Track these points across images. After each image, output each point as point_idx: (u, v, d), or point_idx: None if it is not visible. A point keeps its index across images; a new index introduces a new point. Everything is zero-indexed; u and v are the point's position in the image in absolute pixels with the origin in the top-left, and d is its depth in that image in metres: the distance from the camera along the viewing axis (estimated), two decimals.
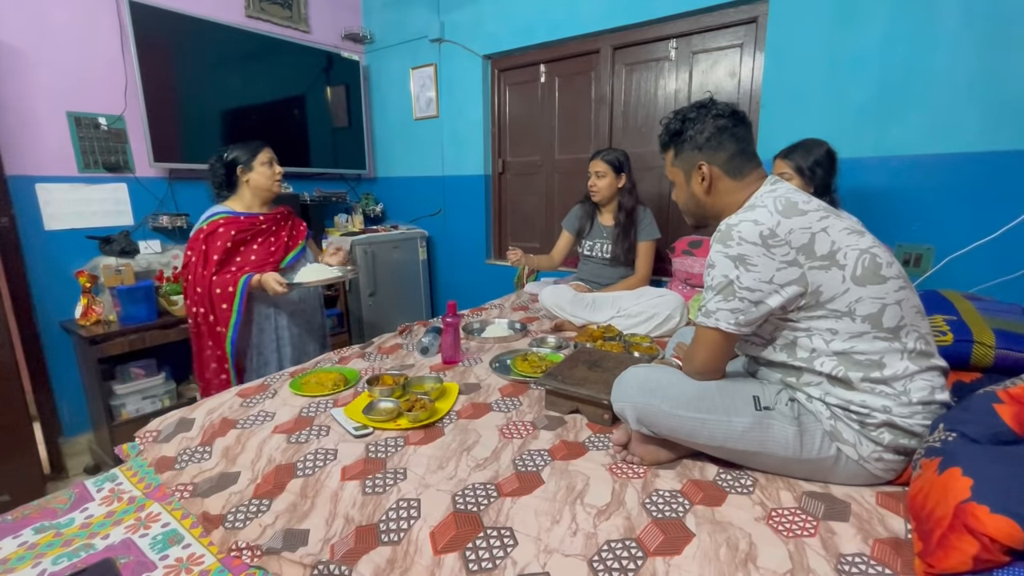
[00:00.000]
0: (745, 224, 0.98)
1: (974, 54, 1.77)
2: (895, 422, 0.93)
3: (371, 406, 1.31)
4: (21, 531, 0.98)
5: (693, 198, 1.17)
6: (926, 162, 1.91)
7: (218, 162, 1.87)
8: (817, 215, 0.99)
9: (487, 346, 1.87)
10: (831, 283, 0.95)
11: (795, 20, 2.09)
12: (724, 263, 0.99)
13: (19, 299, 2.27)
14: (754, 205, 1.03)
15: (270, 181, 1.88)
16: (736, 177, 1.10)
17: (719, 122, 1.10)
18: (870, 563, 0.78)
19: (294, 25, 3.20)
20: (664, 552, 0.82)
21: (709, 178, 1.11)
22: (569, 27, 2.71)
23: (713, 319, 1.01)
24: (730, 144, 1.10)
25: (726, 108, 1.11)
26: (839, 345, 0.96)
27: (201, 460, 1.17)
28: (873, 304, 0.94)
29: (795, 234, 0.96)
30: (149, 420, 1.36)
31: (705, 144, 1.11)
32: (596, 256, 2.38)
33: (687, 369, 1.10)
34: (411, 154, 3.58)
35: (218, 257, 1.80)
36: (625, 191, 2.29)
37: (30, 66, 2.24)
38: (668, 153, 1.19)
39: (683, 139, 1.14)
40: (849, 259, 0.95)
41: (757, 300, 0.97)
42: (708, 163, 1.11)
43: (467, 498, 0.96)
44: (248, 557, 0.90)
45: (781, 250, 0.95)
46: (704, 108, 1.12)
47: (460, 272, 3.52)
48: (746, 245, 0.97)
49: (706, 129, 1.10)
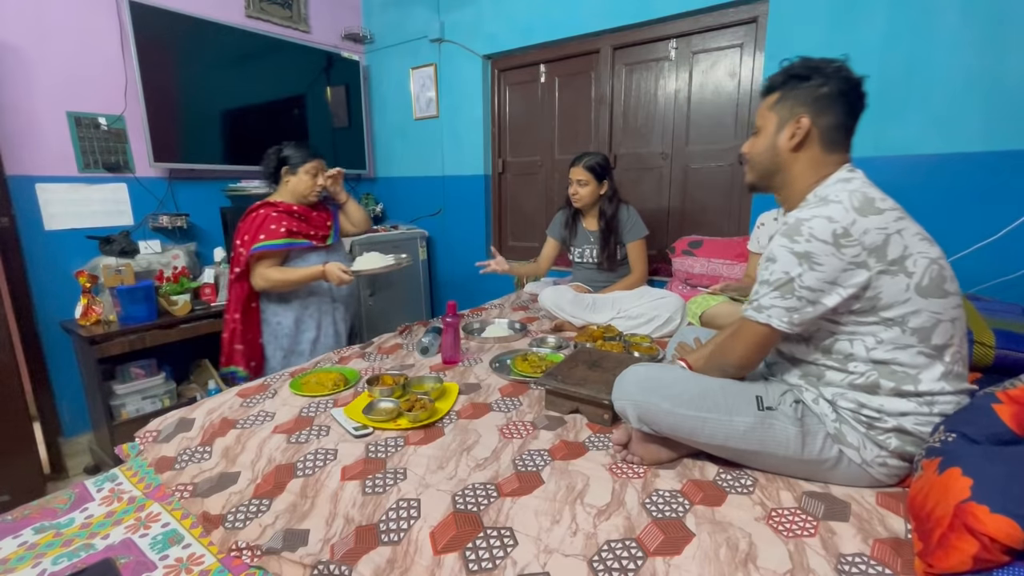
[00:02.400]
0: (818, 221, 0.92)
1: (974, 53, 1.77)
2: (906, 427, 0.92)
3: (371, 406, 1.31)
4: (21, 531, 0.98)
5: (773, 150, 1.07)
6: (926, 162, 1.91)
7: (273, 154, 1.96)
8: (894, 215, 0.93)
9: (487, 346, 1.87)
10: (893, 290, 0.91)
11: (795, 20, 2.09)
12: (788, 259, 0.94)
13: (19, 299, 2.27)
14: (827, 199, 0.96)
15: (308, 189, 1.96)
16: (827, 150, 1.03)
17: (844, 86, 1.00)
18: (870, 563, 0.78)
19: (294, 25, 3.20)
20: (664, 552, 0.82)
21: (803, 136, 1.02)
22: (569, 27, 2.71)
23: (765, 315, 0.97)
24: (841, 112, 1.01)
25: (856, 79, 1.01)
26: (881, 354, 0.93)
27: (201, 460, 1.17)
28: (928, 318, 0.91)
29: (870, 234, 0.90)
30: (149, 420, 1.36)
31: (817, 100, 1.01)
32: (586, 261, 2.37)
33: (717, 361, 1.08)
34: (411, 154, 3.58)
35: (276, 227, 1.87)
36: (606, 198, 2.25)
37: (30, 66, 2.24)
38: (772, 95, 1.08)
39: (799, 86, 1.03)
40: (918, 267, 0.91)
41: (815, 300, 0.93)
42: (811, 119, 1.02)
43: (467, 498, 0.96)
44: (248, 557, 0.90)
45: (852, 250, 0.90)
46: (835, 66, 1.02)
47: (460, 272, 3.52)
48: (816, 243, 0.91)
49: (828, 85, 1.00)
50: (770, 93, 1.10)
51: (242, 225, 1.93)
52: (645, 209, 2.63)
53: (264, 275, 1.89)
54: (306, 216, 1.97)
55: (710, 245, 2.37)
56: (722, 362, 1.07)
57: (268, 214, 1.89)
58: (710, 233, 2.53)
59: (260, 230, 1.87)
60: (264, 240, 1.86)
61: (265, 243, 1.86)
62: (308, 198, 1.97)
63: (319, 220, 2.03)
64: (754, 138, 1.13)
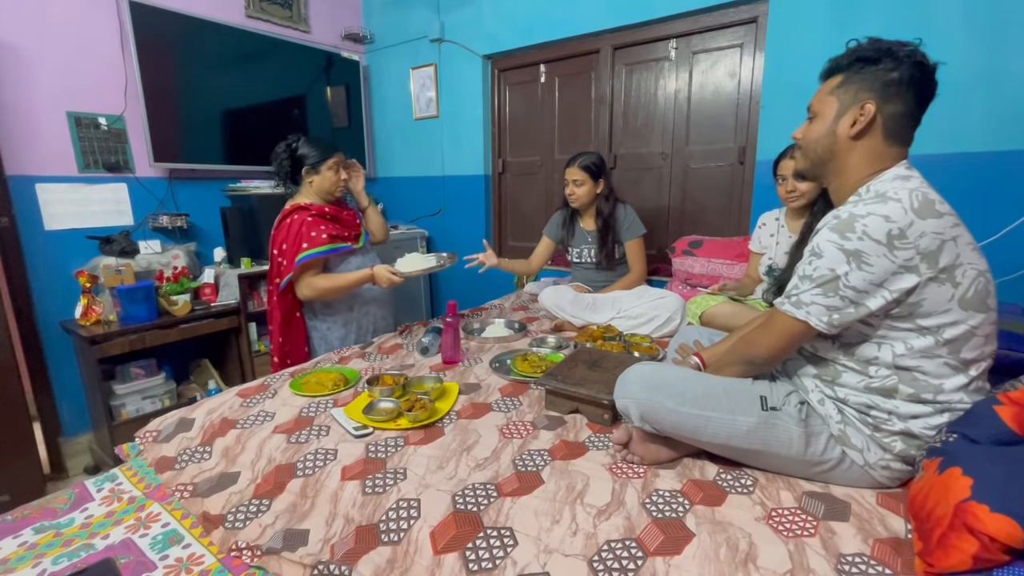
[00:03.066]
0: (874, 219, 0.86)
1: (974, 54, 1.77)
2: (913, 431, 0.91)
3: (371, 406, 1.30)
4: (21, 531, 0.98)
5: (831, 137, 1.00)
6: (926, 162, 1.89)
7: (285, 153, 1.88)
8: (951, 220, 0.88)
9: (487, 346, 1.86)
10: (937, 298, 0.87)
11: (795, 20, 2.09)
12: (835, 255, 0.89)
13: (19, 299, 2.27)
14: (886, 196, 0.89)
15: (334, 186, 1.90)
16: (889, 141, 0.96)
17: (916, 72, 0.93)
18: (870, 563, 0.78)
19: (294, 25, 3.20)
20: (664, 552, 0.82)
21: (866, 123, 0.95)
22: (569, 27, 2.71)
23: (804, 311, 0.93)
24: (910, 100, 0.94)
25: (931, 65, 0.94)
26: (908, 361, 0.90)
27: (201, 460, 1.17)
28: (964, 331, 0.88)
29: (925, 238, 0.85)
30: (149, 420, 1.36)
31: (886, 86, 0.94)
32: (585, 261, 2.36)
33: (742, 353, 1.05)
34: (411, 154, 3.58)
35: (316, 234, 1.81)
36: (602, 197, 2.24)
37: (30, 66, 2.24)
38: (833, 79, 1.00)
39: (867, 69, 0.95)
40: (966, 278, 0.87)
41: (859, 301, 0.89)
42: (876, 106, 0.94)
43: (467, 498, 0.96)
44: (248, 557, 0.90)
45: (905, 253, 0.85)
46: (908, 49, 0.94)
47: (460, 272, 3.51)
48: (868, 242, 0.86)
49: (900, 70, 0.93)
50: (832, 75, 1.01)
51: (277, 233, 1.85)
52: (645, 209, 2.63)
53: (311, 284, 1.82)
54: (338, 216, 1.92)
55: (710, 245, 2.37)
56: (748, 354, 1.04)
57: (304, 219, 1.81)
58: (710, 233, 2.53)
59: (300, 237, 1.79)
60: (307, 249, 1.79)
61: (309, 252, 1.79)
62: (335, 194, 1.92)
63: (349, 219, 1.98)
64: (808, 124, 1.05)
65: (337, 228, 1.89)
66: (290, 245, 1.80)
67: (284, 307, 1.90)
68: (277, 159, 1.89)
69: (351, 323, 1.98)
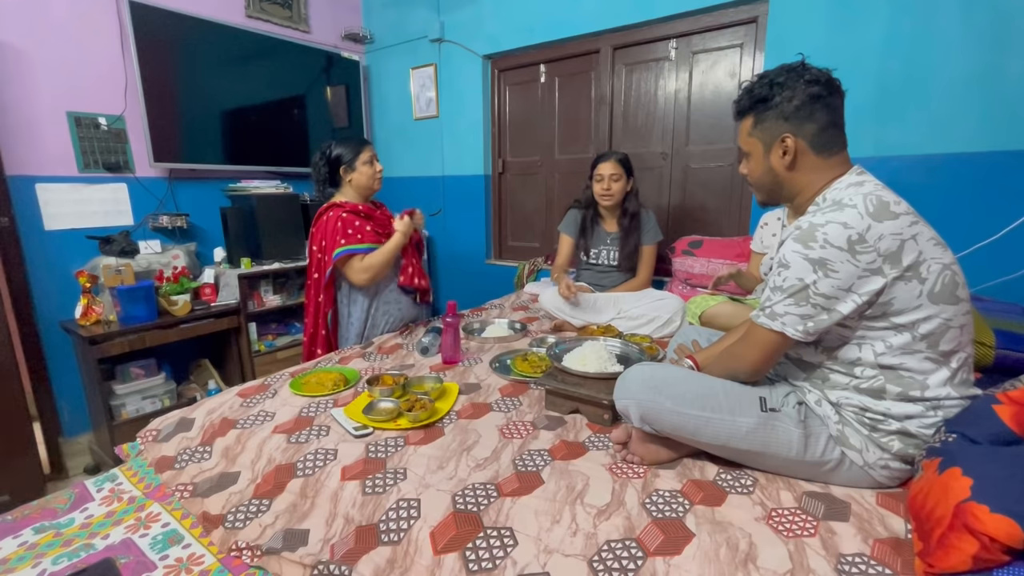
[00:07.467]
0: (833, 227, 0.89)
1: (974, 54, 1.77)
2: (910, 430, 0.92)
3: (371, 406, 1.30)
4: (21, 531, 0.98)
5: (770, 173, 1.04)
6: (926, 162, 1.91)
7: (322, 160, 1.96)
8: (908, 219, 0.90)
9: (487, 346, 1.86)
10: (906, 296, 0.89)
11: (795, 20, 2.09)
12: (801, 265, 0.91)
13: (19, 299, 2.27)
14: (842, 203, 0.92)
15: (371, 180, 1.97)
16: (823, 154, 0.99)
17: (812, 89, 0.96)
18: (870, 563, 0.78)
19: (294, 25, 3.20)
20: (664, 552, 0.82)
21: (794, 153, 0.99)
22: (569, 27, 2.71)
23: (779, 323, 0.95)
24: (822, 116, 0.97)
25: (821, 74, 0.97)
26: (889, 359, 0.92)
27: (201, 460, 1.17)
28: (938, 324, 0.90)
29: (885, 240, 0.87)
30: (149, 420, 1.36)
31: (793, 114, 0.98)
32: (602, 264, 2.30)
33: (726, 366, 1.06)
34: (411, 154, 3.58)
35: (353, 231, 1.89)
36: (631, 195, 2.22)
37: (30, 66, 2.24)
38: (746, 121, 1.05)
39: (768, 106, 1.00)
40: (931, 273, 0.89)
41: (830, 308, 0.91)
42: (794, 136, 0.98)
43: (467, 498, 0.96)
44: (248, 557, 0.90)
45: (867, 257, 0.87)
46: (795, 72, 0.98)
47: (460, 272, 3.52)
48: (830, 249, 0.88)
49: (796, 97, 0.97)
50: (743, 119, 1.06)
51: (316, 231, 1.93)
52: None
53: (361, 267, 1.88)
54: (371, 215, 1.98)
55: (710, 245, 2.37)
56: (732, 367, 1.06)
57: (339, 215, 1.89)
58: (710, 233, 2.53)
59: (338, 233, 1.87)
60: (345, 244, 1.87)
61: (347, 247, 1.87)
62: (373, 187, 1.99)
63: (383, 219, 2.03)
64: (746, 161, 1.09)
65: (373, 226, 1.96)
66: (329, 242, 1.88)
67: (315, 300, 1.98)
68: (315, 168, 1.99)
69: (374, 309, 2.03)
